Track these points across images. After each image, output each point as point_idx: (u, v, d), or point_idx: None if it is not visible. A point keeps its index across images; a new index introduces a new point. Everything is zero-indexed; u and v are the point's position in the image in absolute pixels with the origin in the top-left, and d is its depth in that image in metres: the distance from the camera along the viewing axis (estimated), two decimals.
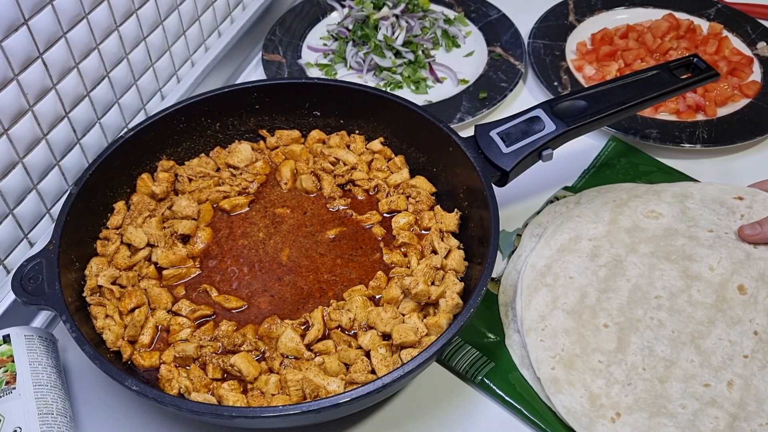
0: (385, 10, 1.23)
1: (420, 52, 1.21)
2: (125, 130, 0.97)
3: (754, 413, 0.76)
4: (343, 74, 1.21)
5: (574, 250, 0.88)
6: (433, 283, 0.81)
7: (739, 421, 0.75)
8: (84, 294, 0.80)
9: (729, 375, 0.78)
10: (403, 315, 0.79)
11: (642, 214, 0.92)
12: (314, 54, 1.24)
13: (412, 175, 0.95)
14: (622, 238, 0.89)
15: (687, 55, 0.98)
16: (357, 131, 0.98)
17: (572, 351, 0.80)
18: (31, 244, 0.89)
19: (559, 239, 0.89)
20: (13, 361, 0.74)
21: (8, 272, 0.87)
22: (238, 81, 1.22)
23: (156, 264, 0.85)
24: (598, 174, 1.04)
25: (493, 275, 0.90)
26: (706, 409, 0.76)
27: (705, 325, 0.82)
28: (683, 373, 0.78)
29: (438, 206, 0.90)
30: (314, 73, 1.21)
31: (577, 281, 0.85)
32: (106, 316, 0.79)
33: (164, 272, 0.85)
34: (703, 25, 1.26)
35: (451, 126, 0.89)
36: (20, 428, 0.69)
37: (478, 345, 0.84)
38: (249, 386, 0.75)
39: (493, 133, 0.86)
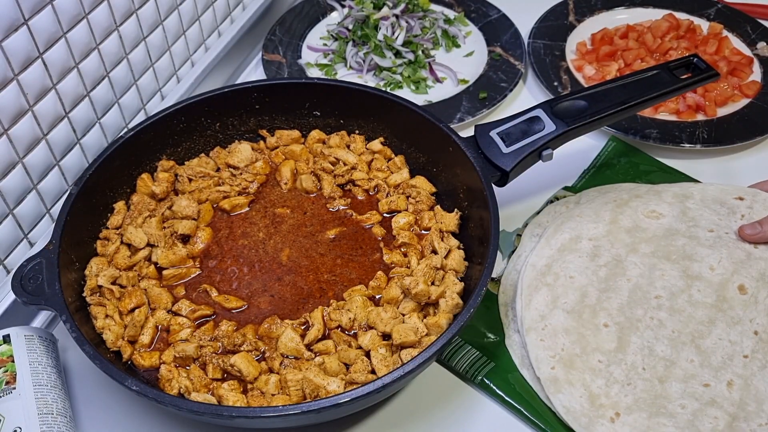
0: (385, 10, 1.23)
1: (420, 52, 1.21)
2: (125, 130, 0.97)
3: (753, 413, 0.76)
4: (343, 74, 1.20)
5: (574, 250, 0.88)
6: (433, 283, 0.81)
7: (739, 421, 0.75)
8: (84, 294, 0.80)
9: (729, 375, 0.78)
10: (403, 315, 0.79)
11: (642, 214, 0.92)
12: (314, 54, 1.24)
13: (412, 175, 0.95)
14: (622, 238, 0.89)
15: (687, 55, 0.97)
16: (357, 131, 0.98)
17: (572, 351, 0.80)
18: (31, 244, 0.89)
19: (560, 239, 0.89)
20: (13, 361, 0.74)
21: (8, 272, 0.87)
22: (238, 81, 1.22)
23: (156, 264, 0.85)
24: (598, 174, 1.04)
25: (493, 275, 0.90)
26: (706, 409, 0.76)
27: (705, 325, 0.82)
28: (683, 373, 0.78)
29: (438, 206, 0.90)
30: (314, 73, 1.21)
31: (578, 281, 0.85)
32: (106, 316, 0.79)
33: (164, 272, 0.85)
34: (703, 25, 1.26)
35: (451, 126, 0.89)
36: (20, 428, 0.69)
37: (478, 345, 0.84)
38: (249, 386, 0.75)
39: (493, 133, 0.86)
